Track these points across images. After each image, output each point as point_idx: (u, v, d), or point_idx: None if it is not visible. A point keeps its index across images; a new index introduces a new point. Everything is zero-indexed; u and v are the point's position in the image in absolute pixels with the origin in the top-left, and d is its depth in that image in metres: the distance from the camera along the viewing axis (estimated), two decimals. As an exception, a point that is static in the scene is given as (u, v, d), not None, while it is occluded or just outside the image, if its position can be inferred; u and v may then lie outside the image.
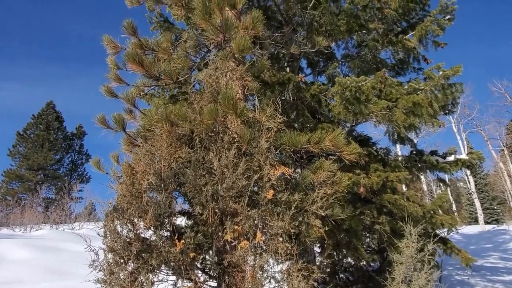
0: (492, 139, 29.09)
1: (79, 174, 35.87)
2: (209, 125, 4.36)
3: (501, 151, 30.39)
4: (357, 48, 8.28)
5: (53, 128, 34.36)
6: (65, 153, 35.78)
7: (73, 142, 36.66)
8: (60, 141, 35.14)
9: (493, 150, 29.13)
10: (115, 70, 5.55)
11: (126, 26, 5.43)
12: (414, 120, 6.14)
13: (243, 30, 4.88)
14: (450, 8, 6.51)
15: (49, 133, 33.79)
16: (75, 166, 36.03)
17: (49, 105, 35.15)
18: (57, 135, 34.70)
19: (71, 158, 36.22)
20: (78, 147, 36.84)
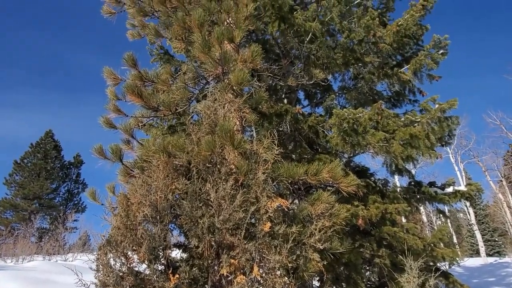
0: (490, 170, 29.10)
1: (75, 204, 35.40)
2: (207, 156, 4.35)
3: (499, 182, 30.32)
4: (354, 80, 8.43)
5: (51, 157, 34.26)
6: (62, 182, 35.47)
7: (70, 171, 36.44)
8: (57, 170, 34.94)
9: (491, 180, 29.06)
10: (114, 101, 5.60)
11: (126, 58, 5.54)
12: (411, 151, 6.16)
13: (242, 63, 4.98)
14: (443, 43, 6.69)
15: (46, 162, 33.65)
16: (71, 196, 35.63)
17: (48, 134, 35.23)
18: (54, 164, 34.55)
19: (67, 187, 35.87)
20: (75, 176, 36.59)
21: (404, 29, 6.94)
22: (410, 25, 6.93)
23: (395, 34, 6.88)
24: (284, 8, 6.00)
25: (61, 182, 35.40)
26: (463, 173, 27.54)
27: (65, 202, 35.09)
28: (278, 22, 6.11)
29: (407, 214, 6.59)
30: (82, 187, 36.32)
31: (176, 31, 5.77)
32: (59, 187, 35.08)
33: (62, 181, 35.50)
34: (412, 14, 6.86)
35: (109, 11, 6.62)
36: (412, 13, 6.88)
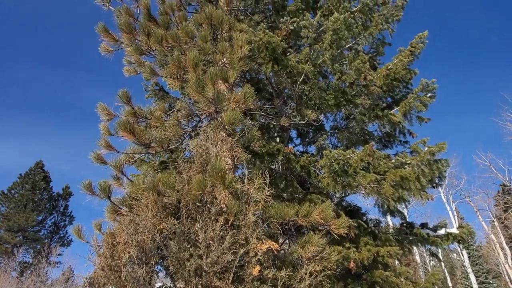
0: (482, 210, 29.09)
1: (60, 237, 34.36)
2: (197, 196, 4.30)
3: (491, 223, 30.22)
4: (345, 120, 8.57)
5: (39, 188, 33.63)
6: (48, 214, 34.60)
7: (58, 202, 35.66)
8: (45, 201, 34.18)
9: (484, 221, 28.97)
10: (106, 136, 5.60)
11: (120, 95, 5.59)
12: (402, 193, 6.17)
13: (235, 103, 5.05)
14: (431, 87, 6.89)
15: (34, 193, 32.97)
16: (57, 228, 34.65)
17: (38, 165, 34.78)
18: (42, 195, 33.85)
19: (54, 219, 34.95)
20: (62, 208, 35.76)
21: (393, 72, 7.17)
22: (399, 69, 7.15)
23: (385, 78, 7.09)
24: (277, 50, 6.18)
25: (48, 214, 34.55)
26: (455, 213, 27.48)
27: (51, 235, 34.07)
28: (271, 64, 6.27)
29: (399, 257, 6.49)
30: (69, 220, 35.45)
31: (172, 69, 5.88)
32: (46, 219, 34.18)
33: (49, 213, 34.65)
34: (401, 59, 7.11)
35: (107, 49, 6.75)
36: (400, 58, 7.13)
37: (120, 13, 6.84)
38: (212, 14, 5.90)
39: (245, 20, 7.25)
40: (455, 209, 27.89)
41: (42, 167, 35.10)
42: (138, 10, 6.90)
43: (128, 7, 6.70)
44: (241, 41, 5.51)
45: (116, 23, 6.55)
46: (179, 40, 6.06)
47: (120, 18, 6.51)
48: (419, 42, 7.20)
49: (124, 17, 6.30)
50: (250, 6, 7.67)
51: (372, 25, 7.89)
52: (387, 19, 7.72)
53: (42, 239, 32.23)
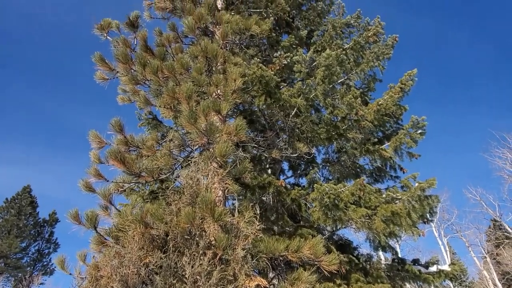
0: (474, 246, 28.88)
1: (44, 265, 33.16)
2: (185, 228, 4.23)
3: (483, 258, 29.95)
4: (337, 153, 8.63)
5: (25, 213, 32.80)
6: (33, 241, 33.54)
7: (43, 229, 34.69)
8: (30, 227, 33.25)
9: (476, 257, 28.69)
10: (96, 164, 5.55)
11: (113, 124, 5.59)
12: (393, 228, 6.13)
13: (227, 135, 5.07)
14: (421, 123, 7.03)
15: (19, 219, 32.11)
16: (41, 256, 33.50)
17: (26, 189, 34.08)
18: (27, 221, 32.97)
19: (38, 246, 33.86)
20: (47, 235, 34.74)
21: (384, 108, 7.31)
22: (389, 105, 7.30)
23: (376, 113, 7.22)
24: (270, 84, 6.30)
25: (32, 240, 33.51)
26: (447, 248, 27.24)
27: (33, 263, 32.89)
28: (264, 97, 6.37)
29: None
30: (54, 247, 34.36)
31: (166, 100, 5.92)
32: (29, 246, 33.10)
33: (34, 239, 33.61)
34: (391, 95, 7.27)
35: (102, 77, 6.81)
36: (391, 94, 7.30)
37: (117, 43, 6.96)
38: (207, 47, 6.03)
39: (240, 53, 7.41)
40: (447, 243, 27.68)
41: (29, 192, 34.41)
42: (135, 41, 7.04)
43: (126, 38, 6.84)
44: (235, 74, 5.61)
45: (112, 53, 6.66)
46: (174, 71, 6.15)
47: (117, 48, 6.63)
48: (409, 80, 7.40)
49: (121, 48, 6.41)
50: (245, 40, 7.86)
51: (364, 62, 8.12)
52: (378, 56, 7.96)
53: (25, 267, 31.08)
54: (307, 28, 9.10)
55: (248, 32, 6.97)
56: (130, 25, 7.08)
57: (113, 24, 7.00)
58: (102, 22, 7.09)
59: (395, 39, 8.33)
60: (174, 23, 7.17)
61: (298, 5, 9.24)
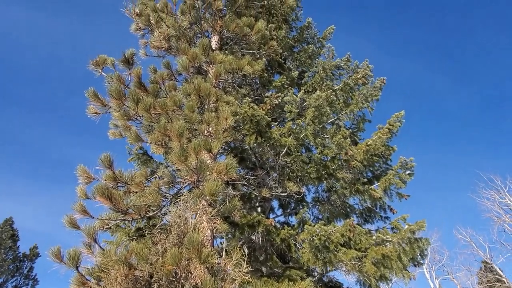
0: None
1: (20, 303, 31.48)
2: (171, 270, 4.10)
3: (477, 302, 29.32)
4: (327, 192, 8.61)
5: (5, 247, 31.52)
6: (11, 277, 32.02)
7: (22, 264, 33.25)
8: (9, 262, 31.84)
9: (469, 300, 28.10)
10: (82, 200, 5.44)
11: (103, 159, 5.55)
12: (384, 271, 6.03)
13: (217, 174, 5.06)
14: (409, 164, 7.12)
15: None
16: (18, 293, 31.86)
17: (7, 222, 32.97)
18: (7, 255, 31.62)
19: (15, 282, 32.29)
20: (27, 271, 33.24)
21: (373, 148, 7.41)
22: (378, 146, 7.41)
23: (365, 153, 7.31)
24: (261, 123, 6.38)
25: (10, 276, 31.99)
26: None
27: (9, 301, 31.20)
28: (255, 136, 6.43)
29: None
30: (33, 284, 32.75)
31: (157, 136, 5.93)
32: (6, 282, 31.53)
33: (12, 275, 32.10)
34: (380, 136, 7.40)
35: (94, 112, 6.84)
36: (379, 135, 7.43)
37: (111, 79, 7.05)
38: (200, 86, 6.14)
39: (232, 92, 7.55)
40: (439, 286, 27.16)
41: (11, 224, 33.29)
42: (129, 77, 7.14)
43: (120, 75, 6.94)
44: (227, 113, 5.68)
45: (106, 89, 6.72)
46: (166, 108, 6.21)
47: (111, 84, 6.70)
48: (397, 121, 7.57)
49: (115, 84, 6.49)
50: (238, 79, 8.04)
51: (353, 103, 8.32)
52: (366, 98, 8.18)
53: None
54: (299, 69, 9.38)
55: (241, 72, 7.14)
56: (125, 62, 7.21)
57: (109, 60, 7.12)
58: (97, 59, 7.21)
59: (383, 81, 8.61)
60: (168, 61, 7.33)
61: (290, 47, 9.57)
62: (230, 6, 8.34)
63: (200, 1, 7.78)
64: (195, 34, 8.42)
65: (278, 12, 9.49)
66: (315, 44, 9.77)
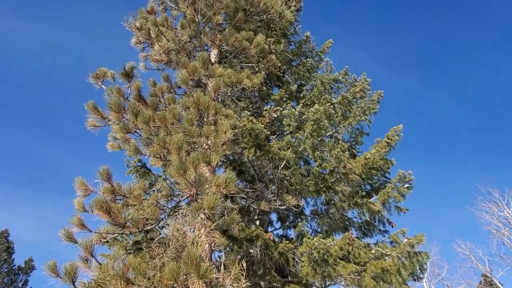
0: (466, 303, 28.04)
1: (14, 317, 30.95)
2: (169, 285, 4.06)
3: (478, 317, 28.98)
4: (326, 205, 8.59)
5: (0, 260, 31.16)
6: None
7: (17, 277, 32.80)
8: (3, 275, 31.40)
9: (470, 315, 27.77)
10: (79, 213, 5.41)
11: (101, 172, 5.54)
12: (383, 286, 5.98)
13: (216, 187, 5.05)
14: (408, 178, 7.13)
15: (-7, 266, 30.40)
16: (11, 307, 31.35)
17: (3, 234, 32.61)
18: (1, 268, 31.22)
19: (9, 296, 31.80)
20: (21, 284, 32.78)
21: (371, 162, 7.43)
22: (377, 159, 7.43)
23: (364, 166, 7.32)
24: (260, 137, 6.41)
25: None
26: (439, 304, 26.39)
27: (3, 315, 30.69)
28: (254, 149, 6.45)
29: None
30: (27, 298, 32.28)
31: (156, 149, 5.93)
32: (0, 296, 31.06)
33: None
34: (378, 150, 7.43)
35: (94, 124, 6.85)
36: (378, 149, 7.46)
37: (111, 92, 7.09)
38: (199, 99, 6.18)
39: (231, 105, 7.60)
40: (439, 300, 26.86)
41: (7, 237, 32.93)
42: (129, 90, 7.18)
43: (120, 88, 6.98)
44: (226, 126, 5.70)
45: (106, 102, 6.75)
46: (166, 121, 6.23)
47: (110, 97, 6.74)
48: (395, 135, 7.61)
49: (115, 97, 6.52)
50: (237, 92, 8.10)
51: (351, 116, 8.37)
52: (364, 111, 8.24)
53: (-8, 319, 28.94)
54: (297, 82, 9.46)
55: (240, 85, 7.20)
56: (125, 75, 7.26)
57: (109, 73, 7.17)
58: (97, 71, 7.26)
59: (380, 94, 8.68)
60: (168, 75, 7.39)
61: (288, 60, 9.67)
62: (230, 21, 8.43)
63: (200, 16, 7.86)
64: (194, 47, 8.51)
65: (277, 27, 9.61)
66: (313, 58, 9.88)
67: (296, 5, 10.09)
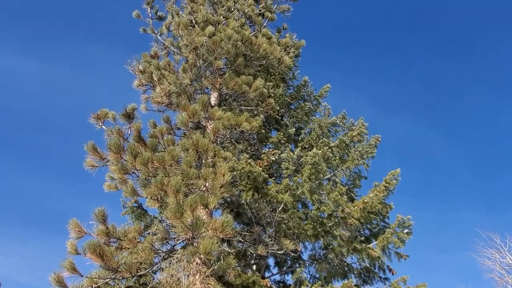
0: None
1: None
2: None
3: None
4: (324, 250, 8.41)
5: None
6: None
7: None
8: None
9: None
10: (71, 256, 5.29)
11: (97, 214, 5.47)
12: None
13: (212, 231, 4.97)
14: (407, 223, 7.06)
15: (-24, 308, 29.04)
16: None
17: (-10, 274, 31.51)
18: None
19: None
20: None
21: (370, 206, 7.38)
22: (375, 203, 7.39)
23: (362, 211, 7.26)
24: (258, 179, 6.41)
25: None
26: None
27: None
28: (252, 192, 6.43)
29: None
30: None
31: (153, 191, 5.90)
32: None
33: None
34: (376, 194, 7.41)
35: (92, 164, 6.85)
36: (376, 193, 7.44)
37: (111, 132, 7.16)
38: (199, 141, 6.24)
39: (229, 147, 7.65)
40: None
41: (-6, 277, 31.76)
42: (129, 131, 7.25)
43: (120, 128, 7.06)
44: (224, 169, 5.72)
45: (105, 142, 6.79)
46: (164, 163, 6.24)
47: (110, 138, 6.79)
48: (393, 179, 7.62)
49: (115, 138, 6.58)
50: (236, 134, 8.19)
51: (349, 160, 8.42)
52: (362, 155, 8.30)
53: None
54: (295, 125, 9.59)
55: (239, 128, 7.29)
56: (126, 116, 7.36)
57: (110, 114, 7.27)
58: (99, 112, 7.37)
59: (377, 139, 8.79)
60: (168, 116, 7.51)
61: (287, 104, 9.87)
62: (230, 65, 8.70)
63: (201, 60, 8.12)
64: (195, 90, 8.72)
65: (276, 71, 9.91)
66: (311, 102, 10.09)
67: (295, 52, 10.43)
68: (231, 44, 8.00)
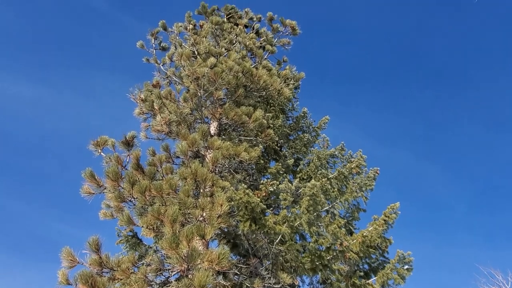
0: None
1: None
2: None
3: None
4: (322, 284, 8.20)
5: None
6: None
7: None
8: None
9: None
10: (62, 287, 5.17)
11: (91, 243, 5.41)
12: None
13: (208, 263, 4.87)
14: (407, 259, 6.93)
15: None
16: None
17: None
18: None
19: None
20: None
21: (369, 240, 7.26)
22: (374, 237, 7.28)
23: (361, 244, 7.15)
24: (256, 210, 6.34)
25: None
26: None
27: None
28: (249, 222, 6.35)
29: None
30: None
31: (149, 220, 5.82)
32: None
33: None
34: (376, 227, 7.31)
35: (89, 191, 6.80)
36: (375, 226, 7.35)
37: (109, 159, 7.15)
38: (197, 170, 6.22)
39: (228, 177, 7.62)
40: None
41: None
42: (128, 158, 7.25)
43: (119, 156, 7.06)
44: (222, 199, 5.68)
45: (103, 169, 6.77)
46: (162, 192, 6.19)
47: (108, 165, 6.78)
48: (392, 213, 7.55)
49: (113, 166, 6.57)
50: (235, 164, 8.19)
51: (348, 192, 8.37)
52: (361, 187, 8.26)
53: None
54: (294, 156, 9.60)
55: (238, 158, 7.31)
56: (125, 144, 7.38)
57: (109, 142, 7.29)
58: (98, 139, 7.40)
59: (376, 172, 8.78)
60: (168, 145, 7.53)
61: (286, 135, 9.94)
62: (230, 96, 8.83)
63: (202, 90, 8.25)
64: (195, 119, 8.80)
65: (275, 102, 10.04)
66: (310, 133, 10.17)
67: (295, 83, 10.62)
68: (232, 75, 8.15)
